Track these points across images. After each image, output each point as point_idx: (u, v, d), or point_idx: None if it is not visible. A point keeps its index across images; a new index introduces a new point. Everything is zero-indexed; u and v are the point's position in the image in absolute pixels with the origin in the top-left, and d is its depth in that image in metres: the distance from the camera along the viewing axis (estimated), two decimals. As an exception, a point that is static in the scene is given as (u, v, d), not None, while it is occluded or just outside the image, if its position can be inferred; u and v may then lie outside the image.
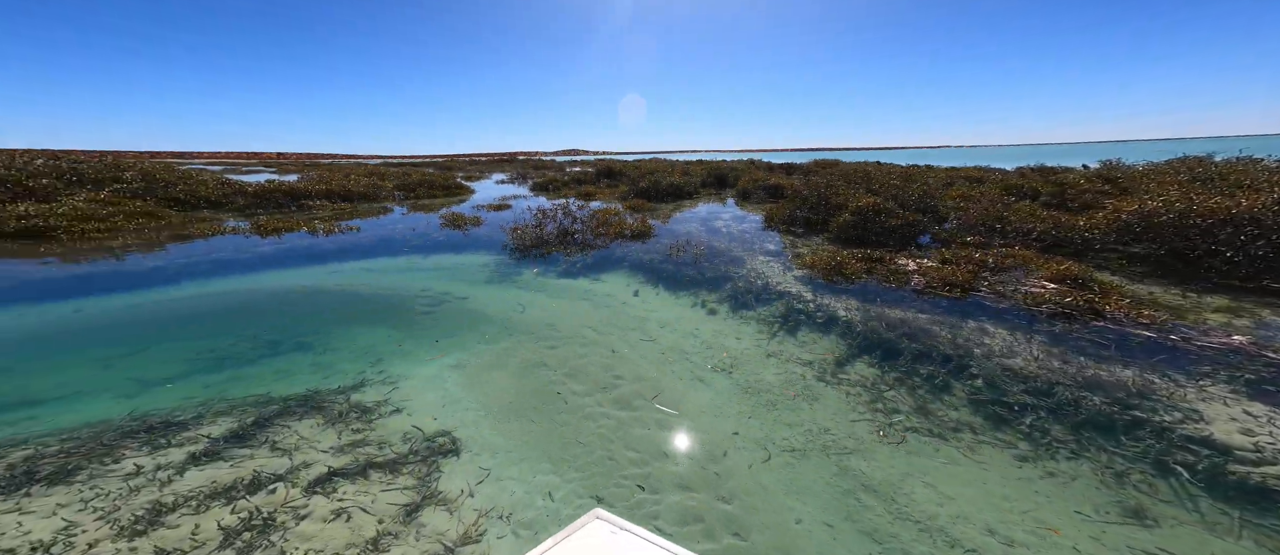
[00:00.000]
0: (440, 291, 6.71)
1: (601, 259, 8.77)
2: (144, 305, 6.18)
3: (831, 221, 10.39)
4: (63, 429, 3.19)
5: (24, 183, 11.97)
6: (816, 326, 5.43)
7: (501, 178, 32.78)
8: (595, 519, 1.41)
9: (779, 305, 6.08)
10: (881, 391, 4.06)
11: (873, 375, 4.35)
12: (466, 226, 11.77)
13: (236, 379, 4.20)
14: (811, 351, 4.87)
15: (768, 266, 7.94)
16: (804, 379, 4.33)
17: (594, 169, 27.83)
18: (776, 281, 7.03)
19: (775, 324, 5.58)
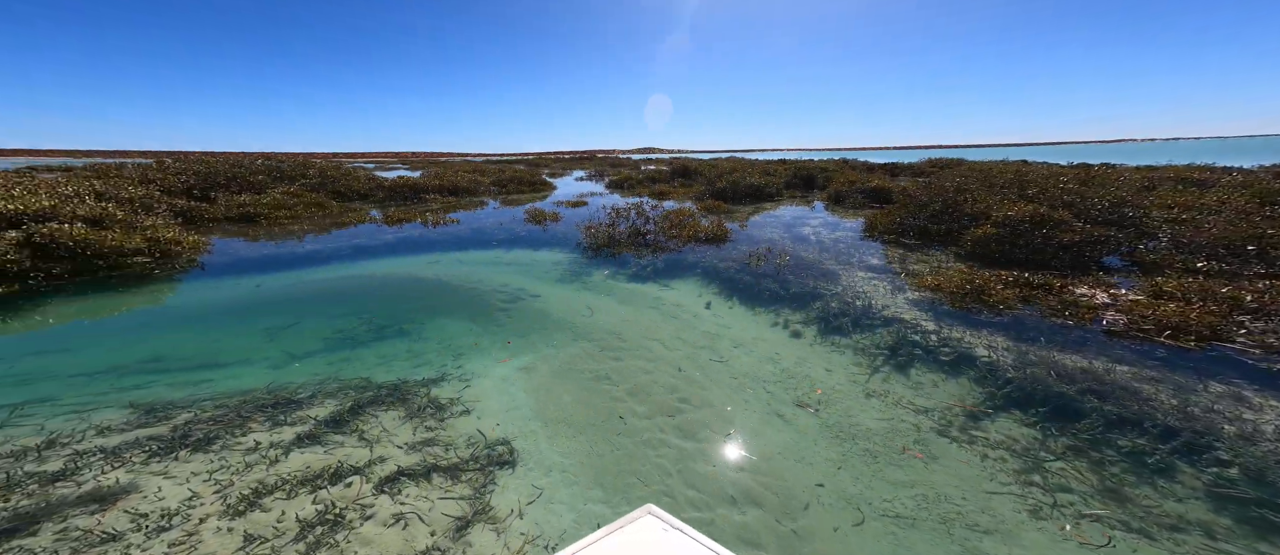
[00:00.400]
0: (516, 288, 7.00)
1: (673, 263, 8.40)
2: (304, 283, 7.51)
3: (964, 233, 8.56)
4: (222, 394, 3.90)
5: (246, 178, 15.80)
6: (939, 365, 4.42)
7: (581, 175, 34.09)
8: (648, 514, 1.38)
9: (885, 333, 5.11)
10: (1041, 460, 3.09)
11: (1028, 438, 3.35)
12: (546, 222, 12.33)
13: (350, 360, 4.79)
14: (931, 396, 3.95)
15: (870, 285, 6.80)
16: (918, 430, 3.51)
17: (669, 167, 27.44)
18: (882, 303, 5.96)
19: (879, 356, 4.68)
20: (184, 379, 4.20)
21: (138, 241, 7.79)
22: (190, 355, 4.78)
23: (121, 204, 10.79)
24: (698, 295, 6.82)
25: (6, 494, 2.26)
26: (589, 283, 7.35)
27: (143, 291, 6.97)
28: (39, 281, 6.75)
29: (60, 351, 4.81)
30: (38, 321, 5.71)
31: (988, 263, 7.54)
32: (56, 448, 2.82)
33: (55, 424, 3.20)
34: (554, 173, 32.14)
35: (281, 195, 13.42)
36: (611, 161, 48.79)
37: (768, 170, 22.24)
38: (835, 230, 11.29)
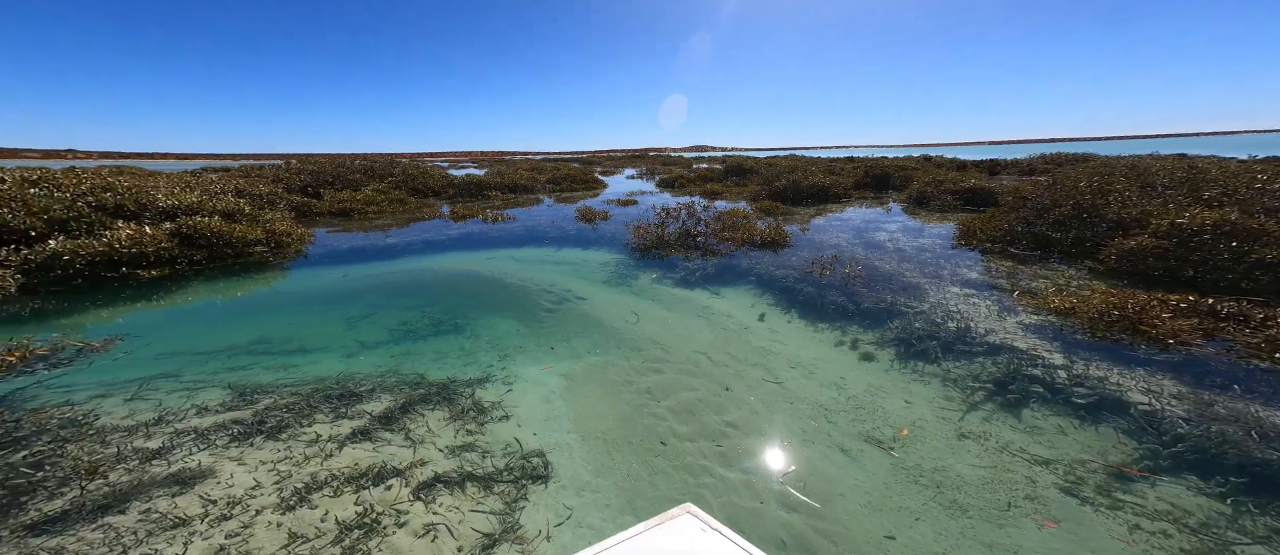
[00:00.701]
0: (564, 289, 7.01)
1: (724, 268, 7.93)
2: (380, 274, 8.21)
3: (1105, 244, 7.05)
4: (302, 380, 4.29)
5: (347, 177, 17.93)
6: (1070, 408, 3.63)
7: (632, 173, 33.97)
8: (686, 513, 1.38)
9: (990, 364, 4.32)
10: (1229, 543, 2.41)
11: (1208, 511, 2.62)
12: (596, 221, 12.36)
13: (409, 354, 5.06)
14: (1055, 445, 3.24)
15: (968, 303, 5.86)
16: (1032, 484, 2.88)
17: (722, 166, 26.36)
18: (986, 327, 5.08)
19: (979, 390, 3.96)
20: (276, 363, 4.69)
21: (258, 234, 9.07)
22: (286, 338, 5.35)
23: (253, 200, 12.71)
24: (750, 305, 6.34)
25: (111, 468, 2.61)
26: (635, 286, 7.18)
27: (259, 277, 8.05)
28: (184, 266, 8.10)
29: (191, 330, 5.65)
30: (180, 301, 6.80)
31: (1142, 282, 6.12)
32: (162, 424, 3.24)
33: (170, 400, 3.70)
34: (606, 170, 32.57)
35: (372, 192, 14.95)
36: (663, 160, 48.40)
37: (833, 169, 20.51)
38: (918, 237, 10.01)
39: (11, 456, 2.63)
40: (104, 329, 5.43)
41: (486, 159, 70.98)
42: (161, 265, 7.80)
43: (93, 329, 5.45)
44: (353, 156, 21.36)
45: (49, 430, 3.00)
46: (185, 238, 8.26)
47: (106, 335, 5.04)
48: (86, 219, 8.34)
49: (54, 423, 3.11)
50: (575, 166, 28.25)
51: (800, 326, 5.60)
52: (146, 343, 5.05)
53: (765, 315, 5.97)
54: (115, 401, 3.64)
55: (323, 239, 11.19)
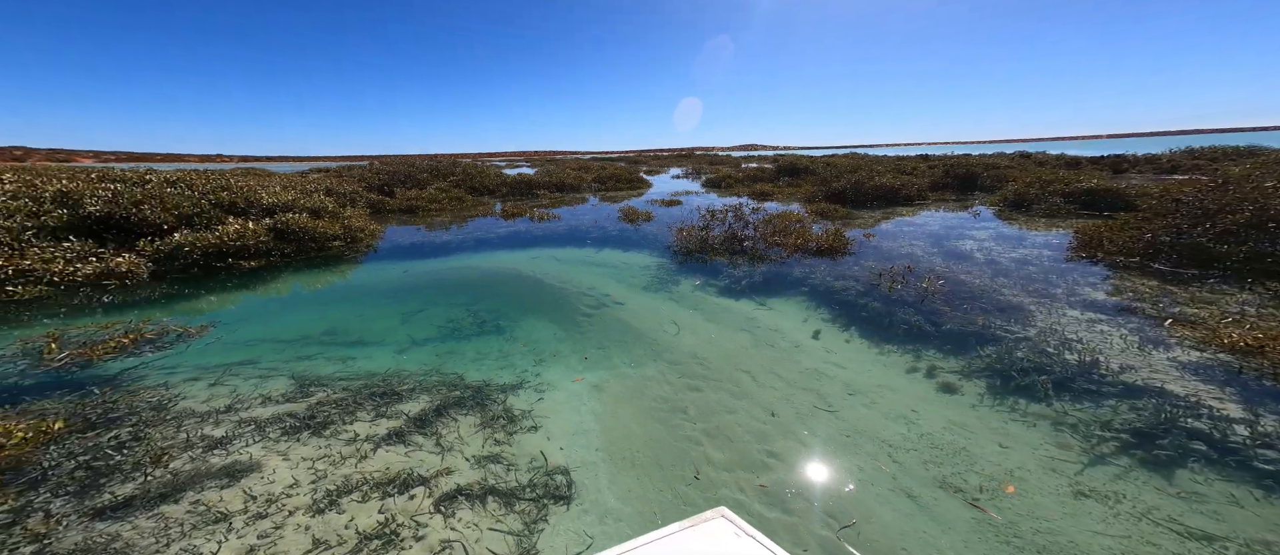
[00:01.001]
0: (602, 293, 6.88)
1: (774, 277, 7.36)
2: (435, 271, 8.64)
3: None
4: (355, 374, 4.54)
5: (415, 176, 19.43)
6: (1246, 473, 2.90)
7: (677, 172, 33.18)
8: (720, 517, 1.38)
9: (1126, 408, 3.56)
10: None
11: None
12: (639, 221, 12.14)
13: (453, 353, 5.19)
14: (1222, 518, 2.59)
15: (1093, 330, 4.94)
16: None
17: (774, 165, 24.87)
18: (1122, 362, 4.23)
19: (1110, 440, 3.27)
20: (337, 355, 5.01)
21: (336, 229, 9.99)
22: (350, 330, 5.72)
23: (338, 198, 14.09)
24: (803, 320, 5.79)
25: (176, 455, 2.85)
26: (676, 293, 6.88)
27: (336, 270, 8.82)
28: (276, 258, 9.11)
29: (275, 318, 6.25)
30: (270, 290, 7.62)
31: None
32: (231, 412, 3.54)
33: (243, 387, 4.06)
34: (651, 170, 32.31)
35: (435, 191, 15.99)
36: (709, 159, 47.17)
37: (903, 167, 18.56)
38: (1017, 246, 8.70)
39: (102, 436, 2.99)
40: (206, 315, 6.17)
41: (539, 158, 73.98)
42: (259, 257, 8.82)
43: (196, 315, 6.22)
44: (421, 157, 23.16)
45: (137, 412, 3.39)
46: (279, 232, 9.28)
47: (203, 321, 5.71)
48: (206, 215, 9.66)
49: (143, 405, 3.51)
50: (621, 166, 28.35)
51: (862, 347, 4.99)
52: (235, 330, 5.65)
53: (820, 332, 5.41)
54: (200, 386, 4.05)
55: (390, 234, 12.10)
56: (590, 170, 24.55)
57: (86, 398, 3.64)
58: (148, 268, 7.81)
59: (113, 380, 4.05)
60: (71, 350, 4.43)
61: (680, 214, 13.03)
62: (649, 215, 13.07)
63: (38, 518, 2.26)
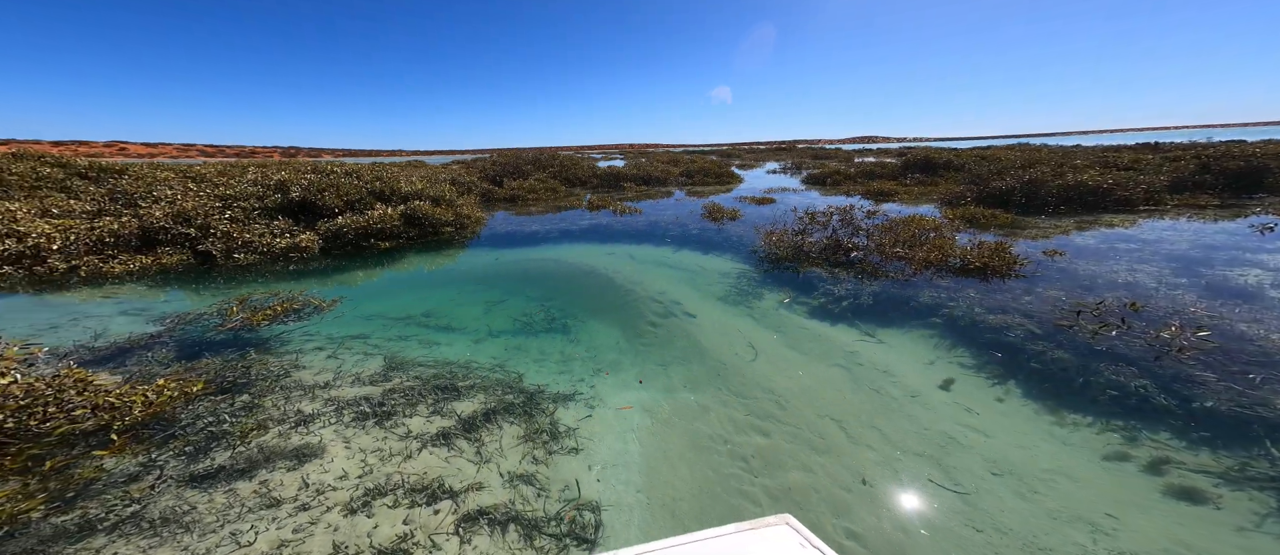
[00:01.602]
0: (673, 300, 6.37)
1: (890, 300, 5.98)
2: (521, 261, 9.09)
3: None
4: (433, 361, 4.86)
5: (520, 167, 21.22)
6: None
7: (774, 167, 30.02)
8: (784, 524, 1.33)
9: None
10: None
11: None
12: (723, 220, 11.15)
13: (520, 349, 5.28)
14: None
15: None
16: None
17: (899, 160, 20.64)
18: None
19: None
20: (427, 338, 5.45)
21: (449, 216, 11.30)
22: (443, 314, 6.22)
23: (458, 187, 16.04)
24: (927, 362, 4.56)
25: (271, 426, 3.27)
26: (757, 309, 6.04)
27: (446, 253, 9.93)
28: (404, 241, 10.64)
29: (392, 296, 7.17)
30: (395, 268, 8.84)
31: None
32: (326, 389, 4.02)
33: (347, 363, 4.62)
34: (745, 164, 30.05)
35: (534, 181, 17.16)
36: (814, 153, 41.98)
37: (1111, 160, 13.82)
38: None
39: (226, 401, 3.61)
40: (343, 288, 7.37)
41: (632, 150, 75.23)
42: (391, 238, 10.39)
43: (339, 286, 7.48)
44: (528, 150, 25.26)
45: (262, 380, 4.05)
46: (408, 217, 10.82)
47: (336, 295, 6.79)
48: (364, 201, 11.74)
49: (268, 373, 4.20)
50: (712, 160, 26.95)
51: (1024, 411, 3.68)
52: (359, 305, 6.60)
53: (953, 382, 4.17)
54: (318, 357, 4.74)
55: (492, 222, 13.29)
56: (679, 164, 23.90)
57: (235, 359, 4.51)
58: (318, 244, 9.75)
59: (263, 343, 4.99)
60: (244, 314, 5.61)
61: (772, 214, 11.74)
62: (735, 214, 12.04)
63: (146, 481, 2.73)
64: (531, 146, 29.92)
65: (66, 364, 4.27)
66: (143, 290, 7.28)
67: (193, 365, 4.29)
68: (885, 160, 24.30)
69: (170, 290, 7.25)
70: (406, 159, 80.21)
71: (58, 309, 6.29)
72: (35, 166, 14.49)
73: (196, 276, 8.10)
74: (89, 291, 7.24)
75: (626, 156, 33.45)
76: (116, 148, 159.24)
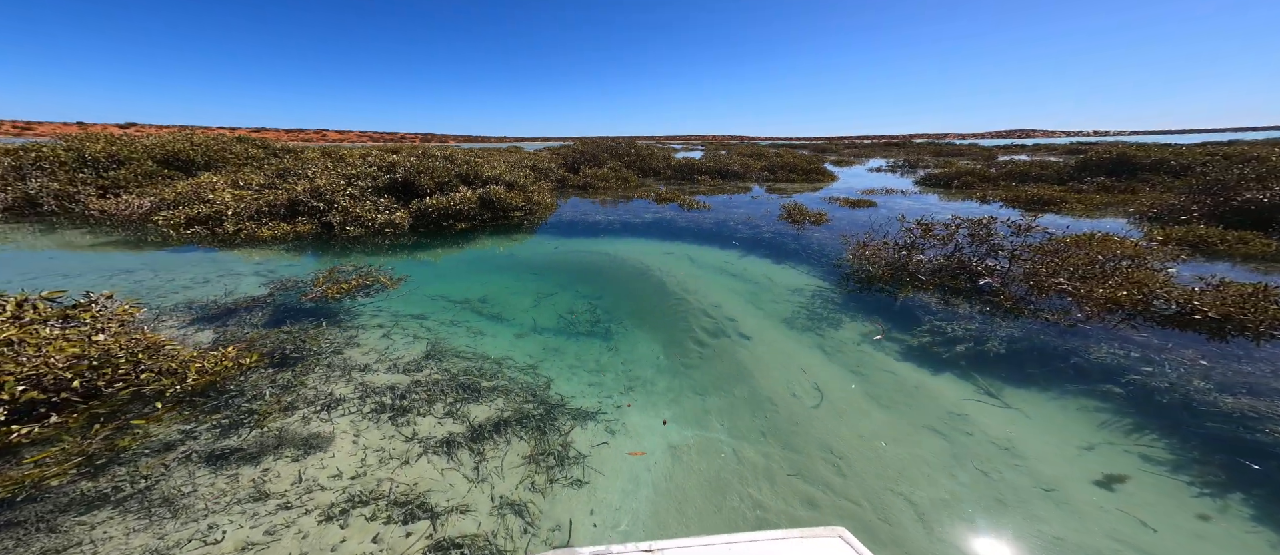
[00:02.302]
0: (728, 315, 5.58)
1: (1037, 349, 4.52)
2: (579, 252, 8.91)
3: None
4: (469, 353, 4.75)
5: (597, 156, 21.44)
6: None
7: (879, 164, 25.69)
8: (837, 537, 1.32)
9: None
10: None
11: None
12: (804, 223, 9.65)
13: (557, 351, 5.02)
14: None
15: None
16: None
17: (1069, 158, 15.90)
18: None
19: None
20: (474, 326, 5.48)
21: (519, 201, 11.72)
22: (496, 301, 6.29)
23: (536, 173, 16.71)
24: (1083, 445, 3.29)
25: (299, 408, 3.41)
26: (831, 339, 5.01)
27: (513, 238, 10.28)
28: (478, 223, 11.29)
29: (456, 277, 7.52)
30: (466, 249, 9.35)
31: None
32: (365, 372, 4.18)
33: (395, 347, 4.81)
34: (841, 160, 26.37)
35: (607, 170, 17.12)
36: (936, 149, 35.16)
37: None
38: None
39: (280, 374, 3.90)
40: (415, 265, 7.94)
41: (714, 143, 71.88)
42: (466, 220, 11.10)
43: (418, 261, 8.08)
44: (606, 139, 25.49)
45: (316, 354, 4.36)
46: (483, 201, 11.46)
47: (403, 274, 7.28)
48: (452, 183, 12.77)
49: (320, 348, 4.52)
50: (802, 154, 24.17)
51: (1254, 543, 2.39)
52: (428, 283, 7.01)
53: (1124, 480, 2.94)
54: (372, 336, 5.02)
55: (561, 210, 13.51)
56: (763, 157, 21.92)
57: (302, 331, 4.97)
58: (409, 222, 10.79)
59: (334, 315, 5.47)
60: (327, 286, 6.25)
61: (869, 220, 9.97)
62: (821, 217, 10.47)
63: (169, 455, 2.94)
64: (618, 135, 30.35)
65: (177, 319, 5.10)
66: (276, 253, 8.67)
67: (267, 333, 4.81)
68: (1046, 159, 19.43)
69: (291, 257, 8.52)
70: (507, 144, 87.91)
71: (216, 265, 7.74)
72: (247, 149, 18.36)
73: (318, 245, 9.45)
74: (245, 251, 8.85)
75: (708, 148, 31.92)
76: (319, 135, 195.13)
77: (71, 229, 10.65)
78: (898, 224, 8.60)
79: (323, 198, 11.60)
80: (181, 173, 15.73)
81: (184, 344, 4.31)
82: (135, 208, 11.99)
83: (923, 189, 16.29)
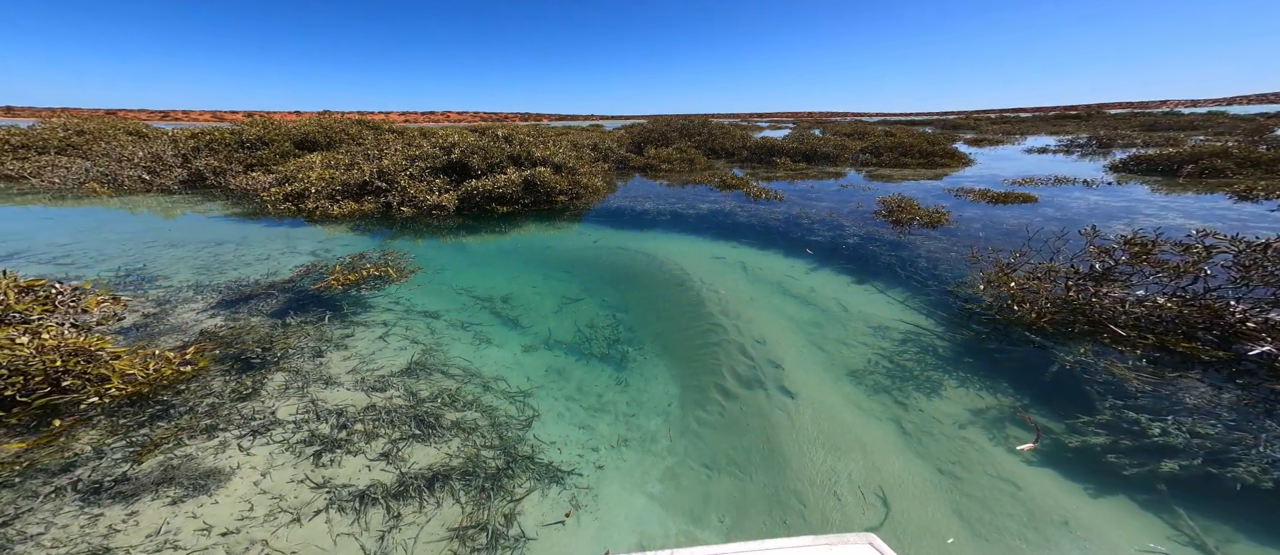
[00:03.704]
0: (772, 359, 4.34)
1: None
2: (617, 249, 7.81)
3: None
4: (458, 372, 4.21)
5: (666, 135, 20.30)
6: None
7: (1046, 143, 19.99)
8: (867, 544, 1.38)
9: None
10: None
11: None
12: (911, 224, 7.44)
13: (560, 374, 4.31)
14: None
15: None
16: None
17: None
18: None
19: None
20: (480, 335, 4.95)
21: (564, 185, 11.31)
22: (516, 302, 5.72)
23: (597, 153, 16.27)
24: None
25: (209, 436, 3.13)
26: (921, 415, 3.56)
27: (554, 225, 9.85)
28: (520, 207, 11.14)
29: (481, 271, 7.20)
30: (511, 233, 9.14)
31: None
32: (327, 385, 3.92)
33: (382, 354, 4.57)
34: (982, 138, 21.14)
35: (671, 151, 16.00)
36: (1145, 121, 26.51)
37: None
38: None
39: (231, 382, 3.74)
40: (452, 253, 7.86)
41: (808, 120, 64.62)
42: (508, 203, 11.00)
43: (450, 250, 8.04)
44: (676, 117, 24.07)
45: (275, 362, 4.21)
46: (527, 183, 11.27)
47: (433, 262, 7.12)
48: (501, 164, 12.87)
49: (305, 347, 4.39)
50: (926, 132, 19.89)
51: None
52: (457, 274, 6.76)
53: None
54: (367, 338, 4.84)
55: (612, 195, 12.85)
56: (866, 136, 18.60)
57: (291, 327, 4.95)
58: (454, 204, 11.04)
59: (340, 308, 5.45)
60: (345, 274, 6.33)
61: (1020, 224, 7.47)
62: (938, 217, 8.14)
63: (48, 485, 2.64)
64: (697, 113, 28.98)
65: (203, 301, 5.43)
66: (341, 230, 9.43)
67: (255, 326, 4.87)
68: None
69: (350, 234, 9.14)
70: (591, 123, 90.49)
71: (288, 240, 8.55)
72: (361, 130, 20.84)
73: (376, 223, 10.13)
74: (321, 226, 9.84)
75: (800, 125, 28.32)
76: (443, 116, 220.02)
77: (220, 199, 12.95)
78: (1078, 235, 6.20)
79: (386, 178, 12.43)
80: (309, 152, 18.23)
81: (152, 340, 4.43)
82: (259, 183, 14.23)
83: (1120, 178, 12.14)
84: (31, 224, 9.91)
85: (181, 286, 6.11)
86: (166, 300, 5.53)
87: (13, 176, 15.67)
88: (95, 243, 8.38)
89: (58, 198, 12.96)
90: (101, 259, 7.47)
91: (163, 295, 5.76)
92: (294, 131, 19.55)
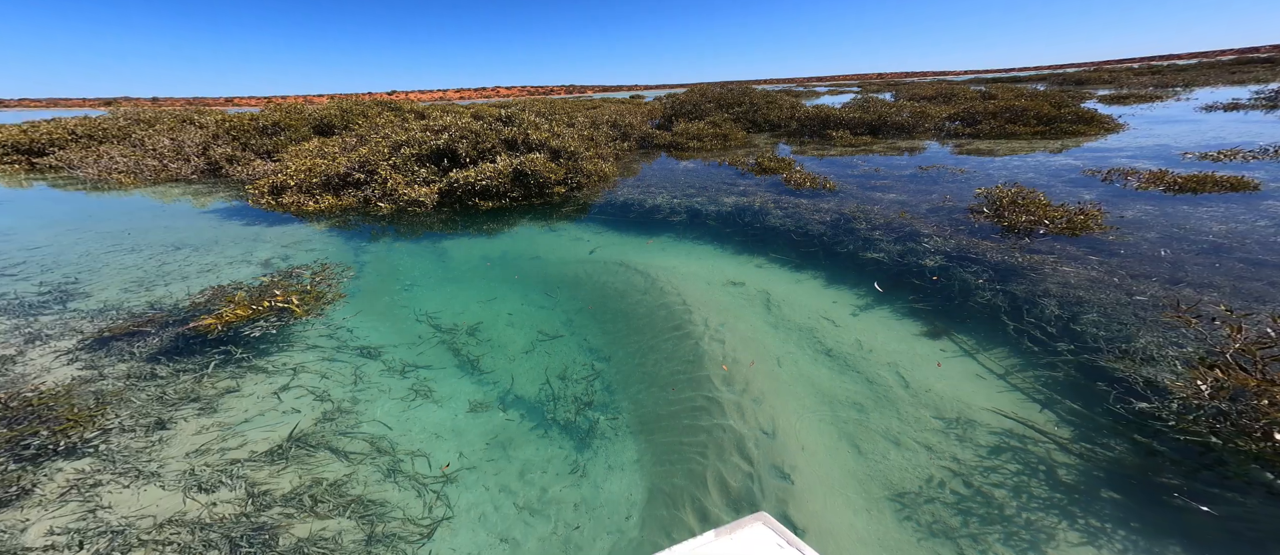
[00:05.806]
0: (782, 464, 3.15)
1: None
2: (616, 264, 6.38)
3: None
4: (373, 447, 3.53)
5: (701, 107, 18.81)
6: None
7: (1231, 97, 16.17)
8: (760, 523, 1.51)
9: None
10: None
11: None
12: (1033, 233, 5.42)
13: (502, 453, 3.55)
14: None
15: None
16: None
17: None
18: None
19: None
20: (425, 383, 4.27)
21: (560, 174, 10.37)
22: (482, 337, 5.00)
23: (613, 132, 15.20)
24: None
25: None
26: None
27: (549, 223, 8.93)
28: (507, 202, 10.30)
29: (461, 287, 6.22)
30: (501, 232, 8.38)
31: None
32: (128, 484, 3.19)
33: (256, 425, 3.86)
34: (1125, 95, 17.60)
35: (704, 125, 14.66)
36: None
37: None
38: None
39: (11, 473, 3.07)
40: (417, 261, 7.16)
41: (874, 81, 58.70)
42: (494, 197, 10.20)
43: (413, 259, 7.34)
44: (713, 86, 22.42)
45: (93, 439, 3.54)
46: (518, 174, 10.42)
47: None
48: (494, 150, 12.12)
49: (124, 421, 3.72)
50: (1039, 91, 16.76)
51: None
52: (422, 293, 6.07)
53: None
54: (258, 391, 4.18)
55: (626, 181, 11.78)
56: (954, 99, 16.01)
57: (171, 371, 4.36)
58: (434, 199, 10.39)
59: (254, 344, 4.84)
60: (221, 307, 5.70)
61: (1224, 224, 5.36)
62: (1084, 218, 5.74)
63: None
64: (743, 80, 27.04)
65: (58, 346, 4.95)
66: (309, 231, 9.13)
67: (105, 377, 4.28)
68: None
69: (319, 235, 8.78)
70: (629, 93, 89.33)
71: (243, 244, 8.26)
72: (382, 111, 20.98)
73: (350, 221, 9.80)
74: (291, 225, 9.65)
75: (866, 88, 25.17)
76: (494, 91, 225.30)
77: (231, 189, 13.36)
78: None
79: (365, 169, 12.02)
80: (325, 137, 18.43)
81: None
82: (257, 173, 14.50)
83: None
84: (30, 223, 10.31)
85: (80, 314, 5.74)
86: (37, 336, 5.10)
87: (59, 166, 17.12)
88: (67, 244, 8.48)
89: (98, 187, 13.84)
90: (50, 267, 7.43)
91: (48, 325, 5.39)
92: (313, 116, 20.10)
